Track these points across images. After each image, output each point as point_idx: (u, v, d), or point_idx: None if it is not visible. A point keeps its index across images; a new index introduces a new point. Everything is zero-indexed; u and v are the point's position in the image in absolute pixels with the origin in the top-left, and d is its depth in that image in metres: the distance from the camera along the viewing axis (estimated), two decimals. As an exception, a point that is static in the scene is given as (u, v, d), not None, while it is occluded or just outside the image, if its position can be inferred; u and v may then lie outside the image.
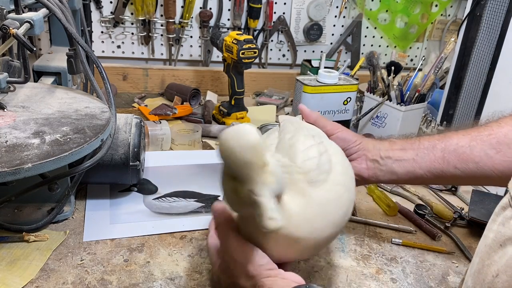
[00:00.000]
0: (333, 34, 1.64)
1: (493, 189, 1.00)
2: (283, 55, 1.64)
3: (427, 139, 0.68)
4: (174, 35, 1.50)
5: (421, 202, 0.95)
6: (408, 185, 0.99)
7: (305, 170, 0.54)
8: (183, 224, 0.82)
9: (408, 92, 1.17)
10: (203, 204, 0.88)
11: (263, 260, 0.52)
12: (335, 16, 1.61)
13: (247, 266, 0.51)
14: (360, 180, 0.71)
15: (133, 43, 1.51)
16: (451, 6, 1.66)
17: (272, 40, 1.60)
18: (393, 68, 1.20)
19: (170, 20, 1.47)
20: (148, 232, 0.80)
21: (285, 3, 1.55)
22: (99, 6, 1.44)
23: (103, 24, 1.47)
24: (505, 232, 0.45)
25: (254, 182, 0.46)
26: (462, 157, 0.64)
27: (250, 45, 1.16)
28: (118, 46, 1.51)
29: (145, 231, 0.80)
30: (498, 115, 0.68)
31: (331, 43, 1.65)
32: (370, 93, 1.20)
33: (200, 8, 1.50)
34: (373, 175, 0.71)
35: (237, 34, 1.19)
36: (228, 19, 1.54)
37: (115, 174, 0.85)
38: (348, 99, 1.07)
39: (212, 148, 1.14)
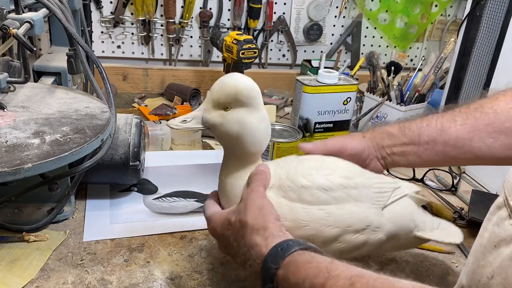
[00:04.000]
0: (333, 34, 1.64)
1: (493, 189, 1.00)
2: (283, 55, 1.64)
3: (426, 133, 0.70)
4: (174, 35, 1.50)
5: (421, 202, 0.95)
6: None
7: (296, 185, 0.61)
8: (183, 224, 0.82)
9: (408, 92, 1.17)
10: (203, 204, 0.88)
11: (274, 210, 0.57)
12: (335, 16, 1.61)
13: (261, 210, 0.56)
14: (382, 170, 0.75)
15: (133, 43, 1.51)
16: (451, 6, 1.66)
17: (272, 40, 1.60)
18: (393, 68, 1.20)
19: (170, 20, 1.47)
20: (148, 232, 0.80)
21: (285, 3, 1.55)
22: (99, 6, 1.44)
23: (103, 24, 1.47)
24: (500, 233, 0.44)
25: (203, 105, 0.63)
26: (462, 149, 0.67)
27: (250, 45, 1.16)
28: (118, 46, 1.51)
29: (145, 231, 0.80)
30: (493, 92, 0.69)
31: (331, 43, 1.65)
32: (370, 93, 1.20)
33: (200, 8, 1.50)
34: (389, 165, 0.74)
35: (237, 34, 1.19)
36: (228, 19, 1.54)
37: (115, 174, 0.85)
38: (348, 99, 1.07)
39: (212, 148, 1.14)
